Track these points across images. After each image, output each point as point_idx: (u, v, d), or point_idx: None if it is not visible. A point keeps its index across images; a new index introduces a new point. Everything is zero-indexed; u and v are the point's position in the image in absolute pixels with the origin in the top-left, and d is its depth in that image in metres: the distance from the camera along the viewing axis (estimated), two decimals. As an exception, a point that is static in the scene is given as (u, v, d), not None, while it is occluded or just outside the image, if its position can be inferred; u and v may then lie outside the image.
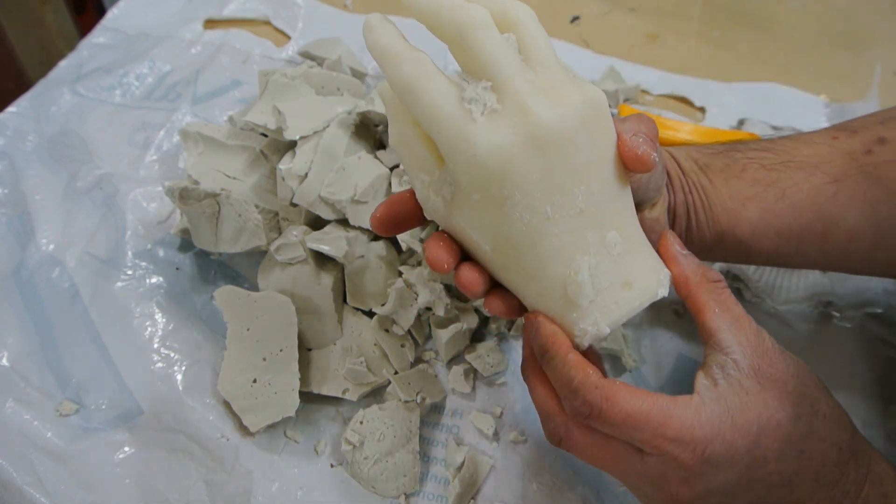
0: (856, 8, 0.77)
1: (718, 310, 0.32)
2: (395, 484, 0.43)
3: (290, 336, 0.44)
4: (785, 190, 0.38)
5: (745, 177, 0.39)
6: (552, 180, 0.30)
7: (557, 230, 0.30)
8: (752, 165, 0.39)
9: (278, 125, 0.50)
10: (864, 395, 0.48)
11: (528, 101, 0.29)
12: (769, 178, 0.39)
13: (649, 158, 0.31)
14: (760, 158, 0.40)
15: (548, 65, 0.30)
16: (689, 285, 0.33)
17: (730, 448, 0.29)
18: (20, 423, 0.44)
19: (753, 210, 0.38)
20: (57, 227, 0.53)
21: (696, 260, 0.33)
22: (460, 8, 0.30)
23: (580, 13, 0.75)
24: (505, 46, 0.30)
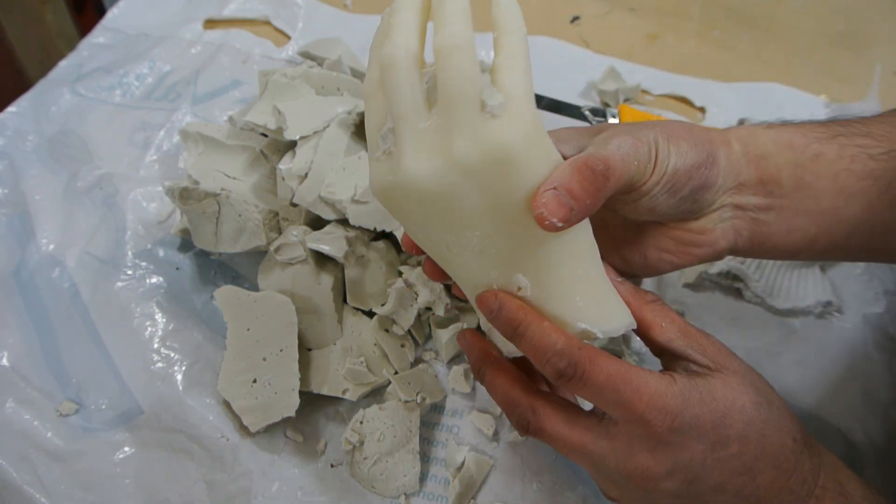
0: (856, 8, 0.77)
1: (665, 324, 0.33)
2: (395, 484, 0.43)
3: (290, 336, 0.44)
4: (890, 182, 0.36)
5: (854, 168, 0.36)
6: (436, 224, 0.31)
7: (461, 262, 0.32)
8: (860, 156, 0.36)
9: (278, 125, 0.50)
10: (864, 395, 0.48)
11: (403, 154, 0.29)
12: (877, 170, 0.36)
13: (547, 223, 0.29)
14: (866, 147, 0.36)
15: (459, 105, 0.29)
16: (632, 309, 0.33)
17: (697, 420, 0.30)
18: (20, 423, 0.44)
19: (856, 206, 0.36)
20: (57, 227, 0.53)
21: (631, 284, 0.35)
22: (384, 43, 0.30)
23: (580, 13, 0.75)
24: (409, 89, 0.29)
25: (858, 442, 0.46)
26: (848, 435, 0.46)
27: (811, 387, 0.48)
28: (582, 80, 0.67)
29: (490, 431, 0.45)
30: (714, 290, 0.53)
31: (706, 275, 0.52)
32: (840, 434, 0.46)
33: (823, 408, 0.47)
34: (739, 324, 0.51)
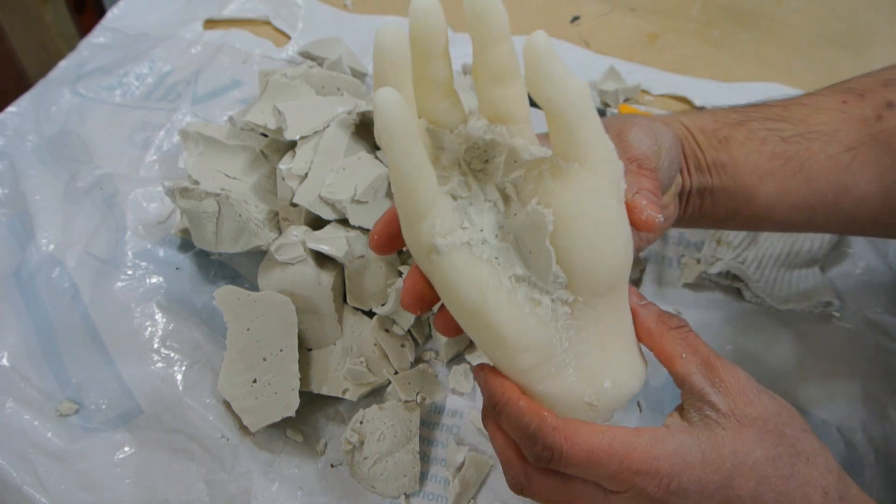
0: (856, 8, 0.77)
1: (686, 355, 0.30)
2: (395, 484, 0.43)
3: (290, 336, 0.44)
4: (803, 162, 0.38)
5: (764, 150, 0.38)
6: None
7: None
8: (771, 138, 0.38)
9: (278, 125, 0.50)
10: (865, 395, 0.48)
11: None
12: (788, 151, 0.38)
13: (654, 223, 0.29)
14: (779, 130, 0.39)
15: None
16: (653, 337, 0.31)
17: (699, 483, 0.28)
18: (20, 423, 0.44)
19: (771, 185, 0.38)
20: (57, 227, 0.53)
21: (656, 308, 0.32)
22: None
23: (580, 13, 0.75)
24: None
25: (858, 442, 0.46)
26: (848, 435, 0.46)
27: (811, 387, 0.48)
28: (582, 80, 0.67)
29: (490, 431, 0.45)
30: (714, 290, 0.53)
31: (706, 275, 0.52)
32: (840, 434, 0.46)
33: (823, 408, 0.47)
34: (739, 324, 0.51)
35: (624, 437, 0.28)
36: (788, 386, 0.48)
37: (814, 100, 0.40)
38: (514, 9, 0.77)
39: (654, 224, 0.30)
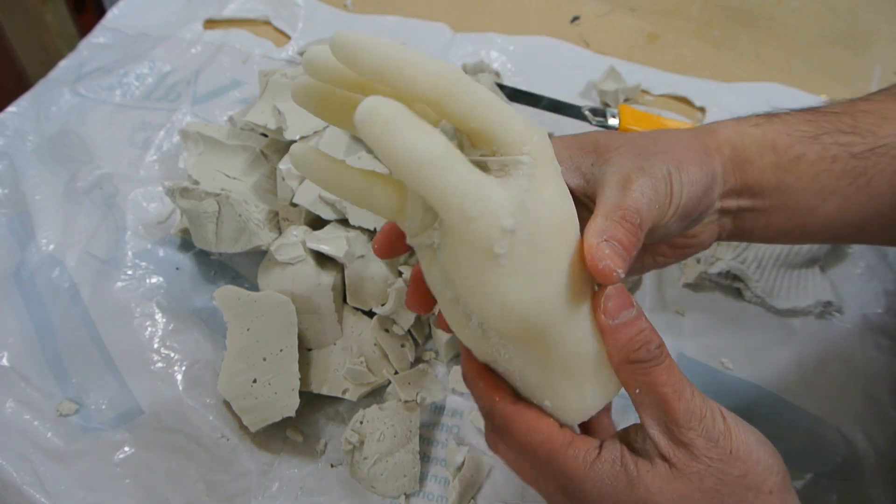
0: (856, 8, 0.77)
1: (640, 391, 0.28)
2: (395, 484, 0.43)
3: (290, 336, 0.44)
4: (870, 179, 0.37)
5: (834, 169, 0.37)
6: None
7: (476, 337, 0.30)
8: (842, 155, 0.37)
9: (278, 125, 0.50)
10: (864, 395, 0.48)
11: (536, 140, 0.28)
12: (857, 167, 0.37)
13: (610, 274, 0.27)
14: (850, 144, 0.37)
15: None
16: (613, 364, 0.29)
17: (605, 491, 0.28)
18: (20, 423, 0.44)
19: (833, 203, 0.37)
20: (57, 227, 0.53)
21: (629, 332, 0.29)
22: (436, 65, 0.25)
23: (580, 13, 0.75)
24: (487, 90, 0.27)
25: (858, 442, 0.46)
26: (848, 435, 0.46)
27: (811, 387, 0.48)
28: (582, 80, 0.67)
29: (490, 431, 0.45)
30: (714, 290, 0.53)
31: (706, 275, 0.52)
32: (840, 434, 0.46)
33: (823, 408, 0.47)
34: (739, 324, 0.51)
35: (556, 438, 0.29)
36: (789, 386, 0.48)
37: (880, 106, 0.39)
38: (514, 9, 0.78)
39: (611, 276, 0.27)
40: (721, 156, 0.36)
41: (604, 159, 0.33)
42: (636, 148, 0.34)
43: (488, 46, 0.69)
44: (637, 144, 0.34)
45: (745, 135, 0.37)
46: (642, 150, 0.33)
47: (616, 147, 0.34)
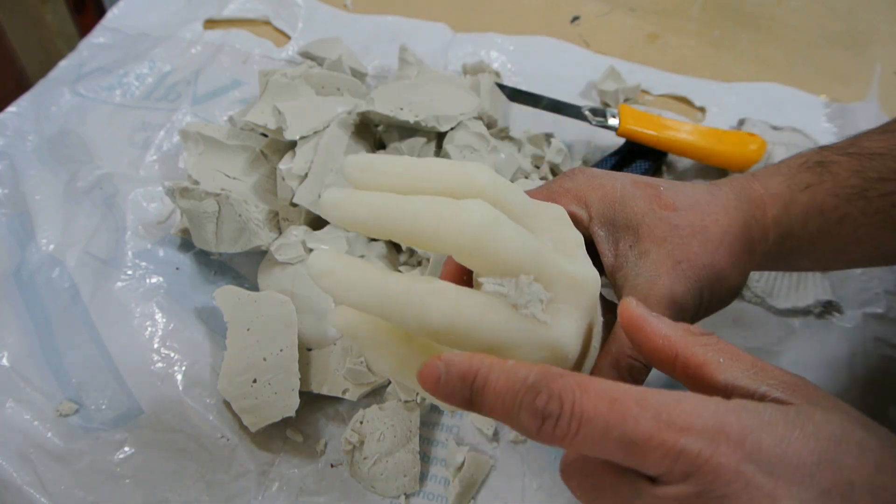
0: (856, 8, 0.77)
1: (725, 359, 0.24)
2: (395, 484, 0.43)
3: (290, 336, 0.44)
4: None
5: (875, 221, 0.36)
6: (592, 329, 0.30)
7: None
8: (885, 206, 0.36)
9: (278, 125, 0.50)
10: (864, 395, 0.48)
11: (573, 272, 0.27)
12: None
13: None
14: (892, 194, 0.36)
15: (535, 215, 0.29)
16: (674, 344, 0.25)
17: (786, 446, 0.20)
18: (20, 423, 0.44)
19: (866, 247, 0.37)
20: (57, 227, 0.53)
21: (669, 320, 0.26)
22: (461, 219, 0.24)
23: (580, 13, 0.75)
24: (521, 232, 0.26)
25: (858, 442, 0.46)
26: (848, 435, 0.46)
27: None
28: (582, 80, 0.67)
29: (490, 431, 0.45)
30: (714, 290, 0.53)
31: (706, 275, 0.52)
32: (840, 434, 0.46)
33: (823, 408, 0.47)
34: (739, 324, 0.51)
35: (659, 391, 0.21)
36: (788, 386, 0.48)
37: None
38: (514, 9, 0.78)
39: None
40: (765, 243, 0.36)
41: (642, 249, 0.33)
42: (677, 248, 0.32)
43: (488, 46, 0.69)
44: (679, 242, 0.33)
45: (794, 204, 0.36)
46: (683, 252, 0.32)
47: (659, 238, 0.33)
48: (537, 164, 0.57)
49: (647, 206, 0.34)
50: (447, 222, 0.24)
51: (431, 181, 0.26)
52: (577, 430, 0.21)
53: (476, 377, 0.23)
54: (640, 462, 0.21)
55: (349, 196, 0.25)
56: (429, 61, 0.66)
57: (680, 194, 0.35)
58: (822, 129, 0.64)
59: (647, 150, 0.58)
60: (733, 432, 0.20)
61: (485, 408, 0.23)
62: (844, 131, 0.64)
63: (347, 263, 0.25)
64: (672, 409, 0.21)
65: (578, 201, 0.35)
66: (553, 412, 0.21)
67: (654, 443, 0.20)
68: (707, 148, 0.57)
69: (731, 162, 0.58)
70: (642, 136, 0.57)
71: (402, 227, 0.25)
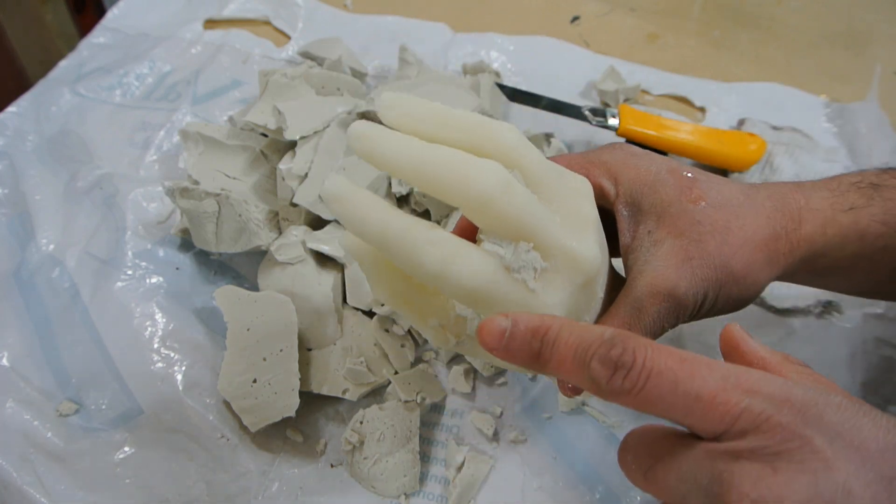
0: (856, 8, 0.77)
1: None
2: (395, 484, 0.43)
3: (290, 336, 0.44)
4: None
5: None
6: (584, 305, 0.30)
7: None
8: None
9: (278, 125, 0.50)
10: (864, 395, 0.48)
11: (573, 248, 0.28)
12: None
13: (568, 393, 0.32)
14: None
15: (553, 185, 0.29)
16: (769, 367, 0.26)
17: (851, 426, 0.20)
18: (20, 423, 0.44)
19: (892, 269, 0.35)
20: (57, 227, 0.53)
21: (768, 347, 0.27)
22: (473, 177, 0.25)
23: (580, 13, 0.75)
24: (531, 200, 0.27)
25: (858, 442, 0.46)
26: (848, 435, 0.46)
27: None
28: (582, 80, 0.67)
29: (490, 431, 0.45)
30: (714, 290, 0.53)
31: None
32: (840, 434, 0.46)
33: (823, 408, 0.47)
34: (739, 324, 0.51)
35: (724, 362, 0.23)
36: (788, 386, 0.48)
37: None
38: (514, 9, 0.78)
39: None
40: (790, 257, 0.34)
41: (658, 237, 0.33)
42: (692, 244, 0.32)
43: (488, 46, 0.69)
44: (696, 238, 0.32)
45: (833, 224, 0.34)
46: (697, 249, 0.32)
47: (677, 231, 0.32)
48: (537, 164, 0.57)
49: (675, 196, 0.33)
50: (460, 178, 0.25)
51: (458, 131, 0.27)
52: (645, 381, 0.22)
53: (548, 331, 0.24)
54: (701, 418, 0.21)
55: (375, 131, 0.26)
56: (429, 61, 0.66)
57: (713, 190, 0.34)
58: (822, 129, 0.64)
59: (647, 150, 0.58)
60: (798, 401, 0.20)
61: (553, 360, 0.24)
62: (844, 131, 0.64)
63: (360, 194, 0.26)
64: (740, 374, 0.21)
65: (610, 175, 0.35)
66: (626, 363, 0.22)
67: (719, 399, 0.21)
68: (707, 148, 0.57)
69: (731, 162, 0.58)
70: (642, 136, 0.57)
71: (417, 172, 0.26)
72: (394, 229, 0.26)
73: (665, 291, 0.31)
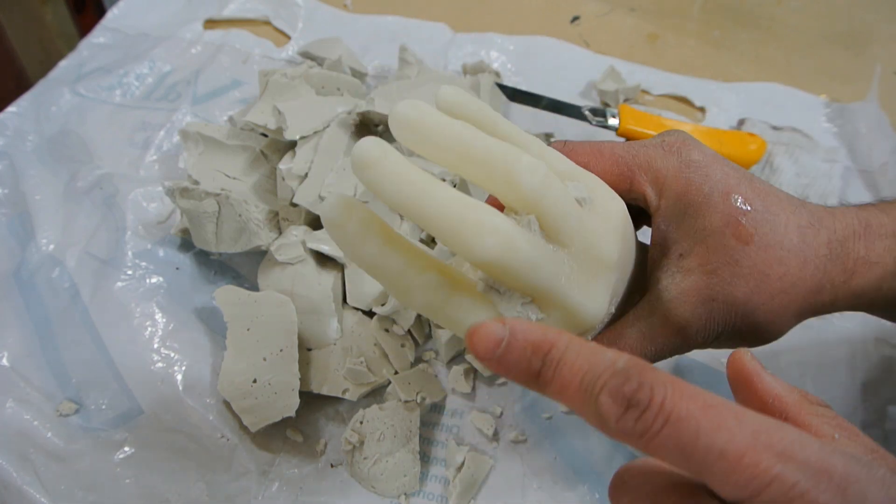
0: (856, 8, 0.77)
1: (840, 436, 0.22)
2: (395, 484, 0.43)
3: (290, 336, 0.44)
4: None
5: None
6: None
7: None
8: None
9: (278, 125, 0.50)
10: (864, 395, 0.48)
11: (574, 305, 0.27)
12: None
13: None
14: None
15: (572, 228, 0.27)
16: (786, 407, 0.23)
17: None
18: (20, 423, 0.44)
19: None
20: (57, 227, 0.53)
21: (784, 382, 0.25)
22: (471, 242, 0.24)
23: (580, 13, 0.75)
24: (534, 260, 0.26)
25: (858, 442, 0.46)
26: (848, 435, 0.46)
27: (811, 387, 0.48)
28: (582, 80, 0.67)
29: (490, 431, 0.45)
30: (714, 290, 0.53)
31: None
32: (840, 434, 0.46)
33: (823, 408, 0.47)
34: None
35: (755, 413, 0.19)
36: (788, 386, 0.48)
37: None
38: (514, 9, 0.78)
39: None
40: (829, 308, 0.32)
41: (687, 267, 0.31)
42: (719, 286, 0.30)
43: (488, 46, 0.69)
44: (727, 279, 0.30)
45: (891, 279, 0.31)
46: (723, 291, 0.30)
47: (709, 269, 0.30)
48: (537, 164, 0.57)
49: (720, 226, 0.30)
50: (458, 239, 0.24)
51: (479, 166, 0.25)
52: (662, 426, 0.18)
53: (552, 349, 0.21)
54: (723, 479, 0.18)
55: (378, 157, 0.24)
56: (429, 61, 0.66)
57: (766, 225, 0.30)
58: (822, 129, 0.64)
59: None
60: (837, 475, 0.18)
61: (554, 384, 0.21)
62: (844, 131, 0.64)
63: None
64: (773, 432, 0.18)
65: (656, 184, 0.32)
66: (641, 402, 0.19)
67: (747, 461, 0.18)
68: (707, 148, 0.57)
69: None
70: (642, 136, 0.57)
71: (416, 217, 0.24)
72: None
73: (676, 327, 0.30)
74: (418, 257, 0.26)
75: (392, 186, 0.24)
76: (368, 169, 0.24)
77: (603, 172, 0.32)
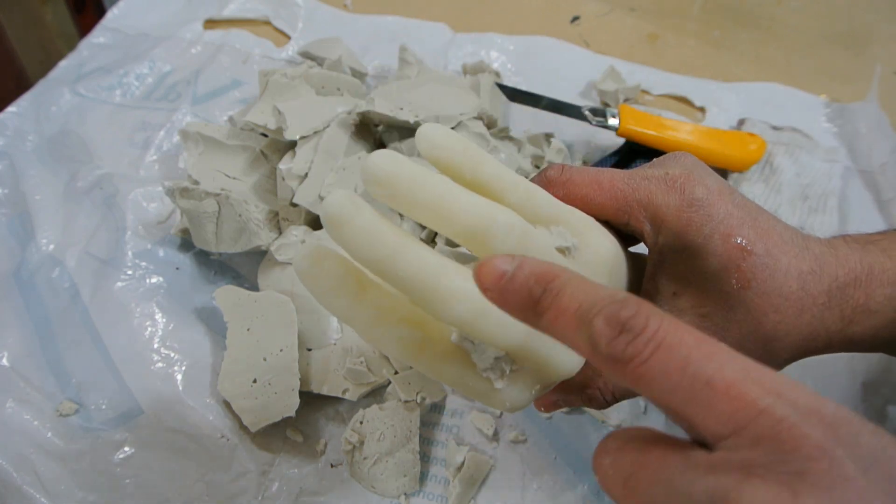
0: (856, 8, 0.77)
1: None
2: (395, 484, 0.43)
3: (290, 336, 0.44)
4: None
5: None
6: None
7: None
8: None
9: (278, 125, 0.50)
10: (864, 395, 0.48)
11: (548, 361, 0.27)
12: None
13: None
14: None
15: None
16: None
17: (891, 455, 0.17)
18: (20, 423, 0.44)
19: None
20: (57, 227, 0.53)
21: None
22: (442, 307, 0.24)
23: (580, 13, 0.75)
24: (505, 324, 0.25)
25: (858, 442, 0.46)
26: (848, 435, 0.46)
27: (811, 387, 0.48)
28: (582, 80, 0.67)
29: (490, 431, 0.45)
30: (714, 290, 0.53)
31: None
32: (840, 434, 0.46)
33: (823, 408, 0.47)
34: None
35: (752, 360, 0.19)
36: (788, 386, 0.48)
37: None
38: (514, 9, 0.78)
39: None
40: (822, 352, 0.31)
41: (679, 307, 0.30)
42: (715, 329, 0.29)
43: (488, 46, 0.69)
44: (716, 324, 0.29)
45: (890, 328, 0.30)
46: (717, 336, 0.28)
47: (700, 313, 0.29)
48: (537, 164, 0.57)
49: (719, 269, 0.29)
50: (435, 298, 0.24)
51: (456, 228, 0.25)
52: (652, 351, 0.18)
53: (555, 279, 0.21)
54: (706, 409, 0.18)
55: (349, 213, 0.23)
56: (429, 61, 0.66)
57: (766, 270, 0.29)
58: (822, 129, 0.64)
59: (647, 151, 0.58)
60: (829, 415, 0.17)
61: (552, 310, 0.21)
62: (844, 131, 0.64)
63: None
64: (765, 372, 0.18)
65: (655, 221, 0.30)
66: (635, 327, 0.18)
67: (735, 392, 0.17)
68: (707, 148, 0.57)
69: (731, 162, 0.58)
70: (642, 136, 0.57)
71: (397, 279, 0.24)
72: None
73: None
74: (391, 307, 0.26)
75: (364, 247, 0.23)
76: (340, 228, 0.23)
77: (601, 206, 0.31)
